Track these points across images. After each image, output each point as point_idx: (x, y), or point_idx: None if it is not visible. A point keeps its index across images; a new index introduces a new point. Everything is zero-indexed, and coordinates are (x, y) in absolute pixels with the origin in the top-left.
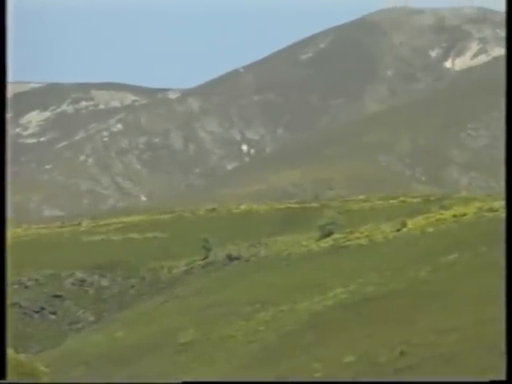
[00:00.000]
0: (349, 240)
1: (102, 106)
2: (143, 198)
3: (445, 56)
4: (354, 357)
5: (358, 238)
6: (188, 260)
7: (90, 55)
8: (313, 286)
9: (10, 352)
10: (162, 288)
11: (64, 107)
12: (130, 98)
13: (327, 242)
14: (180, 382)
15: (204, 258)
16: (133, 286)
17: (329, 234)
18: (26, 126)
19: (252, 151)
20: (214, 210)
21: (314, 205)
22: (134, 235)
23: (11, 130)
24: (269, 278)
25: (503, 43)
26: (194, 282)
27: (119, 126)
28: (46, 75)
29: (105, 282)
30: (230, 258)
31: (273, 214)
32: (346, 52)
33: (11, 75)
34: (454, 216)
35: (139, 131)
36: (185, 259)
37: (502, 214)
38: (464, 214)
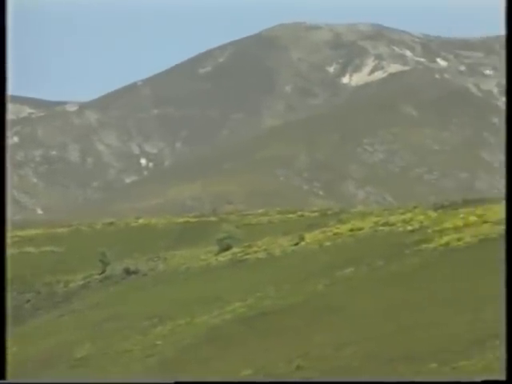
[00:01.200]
0: (247, 254)
1: None
2: (39, 212)
3: (342, 72)
4: (251, 370)
5: (256, 251)
6: (85, 274)
7: None
8: (211, 300)
9: None
10: (58, 302)
11: None
12: (26, 111)
13: (226, 256)
14: (172, 381)
15: (101, 272)
16: (28, 301)
17: (227, 248)
18: None
19: (151, 165)
20: (111, 223)
21: (213, 219)
22: (30, 249)
23: None
24: (167, 292)
25: (399, 60)
26: (91, 296)
27: (15, 139)
28: None
29: None
30: (128, 272)
31: (171, 227)
32: (244, 67)
33: None
34: (351, 230)
35: (36, 144)
36: (82, 273)
37: (399, 229)
38: (360, 229)
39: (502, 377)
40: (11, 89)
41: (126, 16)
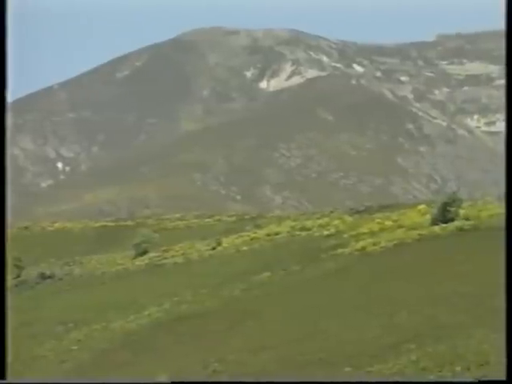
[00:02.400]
0: (164, 258)
1: None
2: None
3: (260, 77)
4: (166, 375)
5: (174, 256)
6: None
7: None
8: (128, 305)
9: None
10: None
11: None
12: None
13: (143, 261)
14: (169, 382)
15: (16, 277)
16: None
17: (144, 253)
18: None
19: (67, 169)
20: (26, 228)
21: (130, 223)
22: None
23: None
24: (82, 297)
25: (316, 65)
26: None
27: None
28: None
29: None
30: (43, 276)
31: (88, 232)
32: (162, 71)
33: None
34: (268, 235)
35: None
36: None
37: (315, 233)
38: (277, 233)
39: (502, 377)
40: None
41: (42, 18)
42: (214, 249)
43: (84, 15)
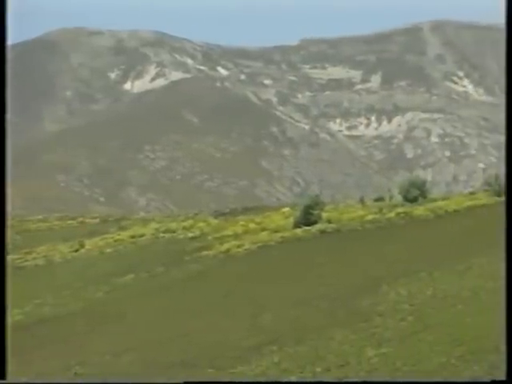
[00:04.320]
0: (26, 260)
1: None
2: None
3: (124, 78)
4: (26, 378)
5: (35, 258)
6: None
7: None
8: None
9: None
10: None
11: None
12: None
13: None
14: (182, 382)
15: None
16: None
17: None
18: None
19: None
20: None
21: None
22: None
23: None
24: None
25: (180, 67)
26: None
27: None
28: None
29: None
30: None
31: None
32: (24, 70)
33: None
34: (132, 237)
35: None
36: None
37: (180, 236)
38: (142, 235)
39: (502, 377)
40: None
41: None
42: (76, 251)
43: None
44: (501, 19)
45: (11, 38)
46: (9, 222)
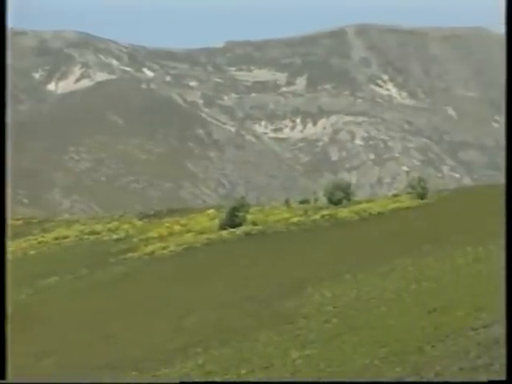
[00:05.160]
0: None
1: None
2: None
3: (48, 79)
4: None
5: None
6: None
7: None
8: None
9: None
10: None
11: None
12: None
13: None
14: (178, 382)
15: None
16: None
17: None
18: None
19: None
20: None
21: None
22: None
23: None
24: None
25: (105, 68)
26: None
27: None
28: None
29: None
30: None
31: None
32: None
33: None
34: (56, 239)
35: None
36: None
37: (104, 237)
38: (66, 237)
39: (502, 377)
40: None
41: None
42: None
43: None
44: (422, 23)
45: None
46: None
